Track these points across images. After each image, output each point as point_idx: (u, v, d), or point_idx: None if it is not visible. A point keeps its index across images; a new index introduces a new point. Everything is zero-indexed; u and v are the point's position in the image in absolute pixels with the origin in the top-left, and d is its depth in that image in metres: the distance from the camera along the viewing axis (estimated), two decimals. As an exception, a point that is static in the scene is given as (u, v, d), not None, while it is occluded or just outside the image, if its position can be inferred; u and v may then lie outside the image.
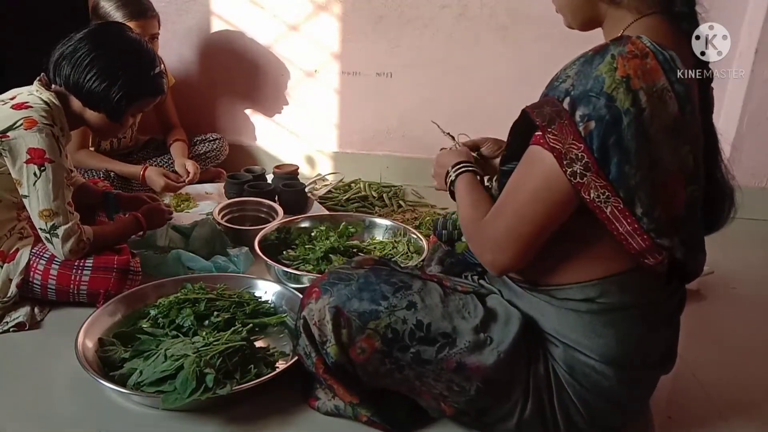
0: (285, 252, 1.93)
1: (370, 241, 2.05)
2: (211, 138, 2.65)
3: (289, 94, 2.80)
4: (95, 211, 1.95)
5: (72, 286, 1.59)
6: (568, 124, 0.96)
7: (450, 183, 1.27)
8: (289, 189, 2.33)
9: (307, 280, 1.68)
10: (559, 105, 0.98)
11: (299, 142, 2.87)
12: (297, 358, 1.28)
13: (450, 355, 1.11)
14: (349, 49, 2.68)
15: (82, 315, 1.50)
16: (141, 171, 2.29)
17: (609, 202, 0.97)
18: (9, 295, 1.59)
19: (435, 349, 1.12)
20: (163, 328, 1.48)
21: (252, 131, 2.89)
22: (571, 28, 1.16)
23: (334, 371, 1.19)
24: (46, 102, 1.54)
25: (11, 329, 1.55)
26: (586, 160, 0.96)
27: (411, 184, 2.75)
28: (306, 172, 2.83)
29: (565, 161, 0.97)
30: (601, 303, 1.09)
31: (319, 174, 2.84)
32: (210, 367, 1.27)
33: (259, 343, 1.48)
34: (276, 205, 2.22)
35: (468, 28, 2.60)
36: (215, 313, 1.52)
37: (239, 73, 2.79)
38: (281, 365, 1.40)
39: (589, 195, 0.98)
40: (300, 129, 2.86)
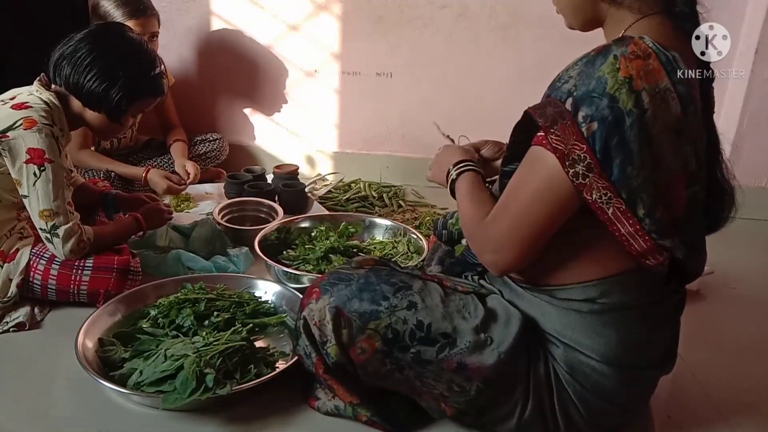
0: (285, 252, 1.93)
1: (370, 241, 2.05)
2: (211, 138, 2.65)
3: (289, 94, 2.80)
4: (95, 211, 1.95)
5: (72, 286, 1.59)
6: (571, 124, 0.96)
7: (451, 181, 1.26)
8: (289, 189, 2.32)
9: (307, 280, 1.68)
10: (562, 106, 0.98)
11: (299, 142, 2.87)
12: (297, 358, 1.28)
13: (450, 355, 1.11)
14: (349, 49, 2.68)
15: (82, 315, 1.50)
16: (143, 173, 2.30)
17: (611, 203, 0.97)
18: (9, 295, 1.59)
19: (435, 350, 1.12)
20: (163, 328, 1.48)
21: (252, 131, 2.89)
22: (572, 28, 1.15)
23: (335, 371, 1.18)
24: (45, 102, 1.54)
25: (11, 329, 1.55)
26: (588, 161, 0.95)
27: (411, 184, 2.75)
28: (306, 172, 2.82)
29: (568, 162, 0.96)
30: (601, 303, 1.09)
31: (319, 174, 2.84)
32: (210, 367, 1.27)
33: (259, 343, 1.48)
34: (276, 205, 2.22)
35: (468, 28, 2.59)
36: (215, 313, 1.52)
37: (239, 73, 2.78)
38: (281, 365, 1.40)
39: (591, 196, 0.97)
40: (300, 129, 2.85)
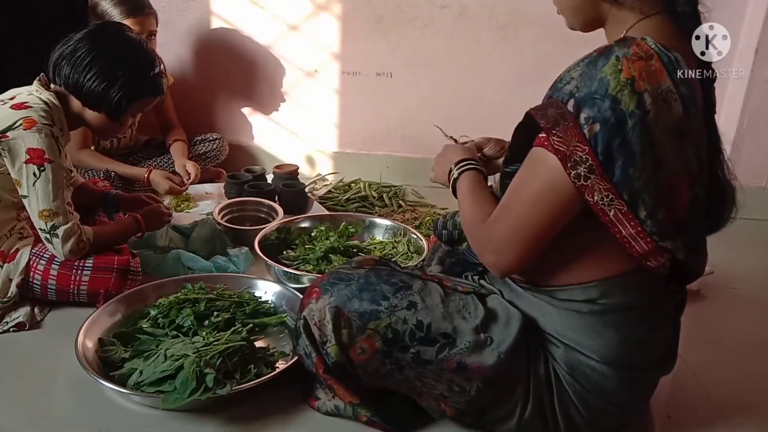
0: (285, 252, 1.93)
1: (370, 241, 2.05)
2: (211, 138, 2.65)
3: (289, 93, 2.80)
4: (95, 211, 1.95)
5: (72, 286, 1.59)
6: (573, 126, 0.96)
7: (453, 180, 1.26)
8: (289, 189, 2.32)
9: (307, 280, 1.68)
10: (564, 107, 0.97)
11: (299, 142, 2.87)
12: (297, 358, 1.28)
13: (450, 355, 1.11)
14: (349, 49, 2.68)
15: (82, 315, 1.50)
16: (145, 174, 2.30)
17: (613, 204, 0.97)
18: (9, 295, 1.59)
19: (435, 350, 1.12)
20: (163, 328, 1.48)
21: (252, 131, 2.89)
22: (574, 29, 1.15)
23: (335, 371, 1.18)
24: (45, 102, 1.54)
25: (11, 329, 1.55)
26: (590, 162, 0.95)
27: (411, 184, 2.75)
28: (306, 172, 2.82)
29: (570, 163, 0.96)
30: (602, 304, 1.09)
31: (319, 174, 2.84)
32: (210, 367, 1.27)
33: (259, 343, 1.48)
34: (276, 205, 2.22)
35: (468, 28, 2.59)
36: (215, 313, 1.52)
37: (239, 73, 2.78)
38: (281, 365, 1.40)
39: (592, 197, 0.97)
40: (300, 129, 2.85)
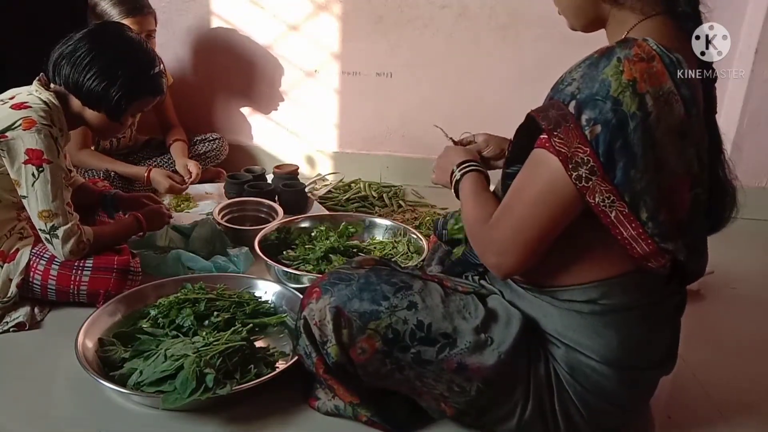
0: (285, 252, 1.93)
1: (370, 241, 2.05)
2: (210, 138, 2.65)
3: (289, 94, 2.80)
4: (95, 211, 1.95)
5: (72, 286, 1.59)
6: (574, 127, 0.96)
7: (455, 182, 1.26)
8: (289, 189, 2.32)
9: (307, 280, 1.68)
10: (565, 108, 0.97)
11: (299, 142, 2.87)
12: (297, 358, 1.28)
13: (450, 355, 1.11)
14: (349, 49, 2.68)
15: (82, 315, 1.50)
16: (145, 172, 2.30)
17: (614, 206, 0.97)
18: (9, 295, 1.59)
19: (435, 350, 1.12)
20: (163, 328, 1.48)
21: (251, 131, 2.89)
22: (575, 29, 1.15)
23: (335, 371, 1.18)
24: (45, 102, 1.54)
25: (11, 329, 1.55)
26: (591, 164, 0.95)
27: (411, 184, 2.75)
28: (306, 172, 2.82)
29: (571, 165, 0.96)
30: (602, 304, 1.09)
31: (319, 174, 2.84)
32: (210, 367, 1.27)
33: (259, 343, 1.48)
34: (276, 205, 2.22)
35: (468, 28, 2.59)
36: (215, 313, 1.52)
37: (239, 73, 2.78)
38: (281, 365, 1.40)
39: (594, 199, 0.97)
40: (300, 129, 2.85)
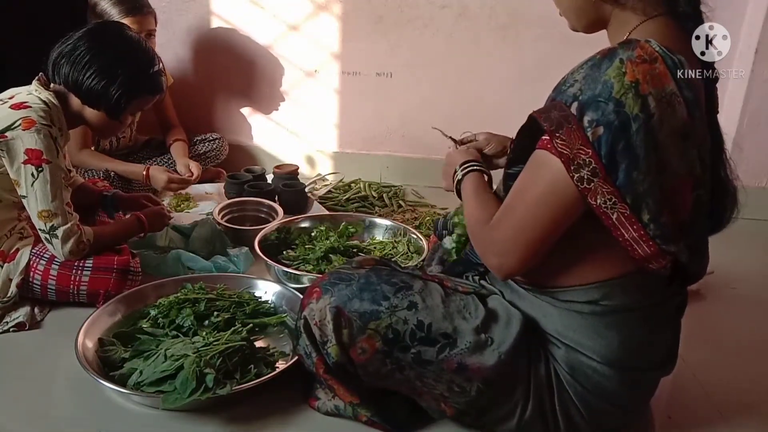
0: (285, 252, 1.93)
1: (370, 241, 2.05)
2: (210, 138, 2.65)
3: (289, 93, 2.80)
4: (95, 211, 1.95)
5: (72, 286, 1.59)
6: (576, 129, 0.95)
7: (457, 182, 1.26)
8: (289, 189, 2.32)
9: (307, 280, 1.68)
10: (567, 110, 0.97)
11: (299, 142, 2.87)
12: (297, 358, 1.28)
13: (451, 355, 1.11)
14: (349, 49, 2.67)
15: (82, 315, 1.50)
16: (144, 170, 2.30)
17: (615, 208, 0.97)
18: (9, 295, 1.59)
19: (436, 350, 1.12)
20: (163, 328, 1.48)
21: (251, 131, 2.89)
22: (576, 30, 1.15)
23: (335, 371, 1.18)
24: (44, 102, 1.54)
25: (11, 329, 1.55)
26: (593, 165, 0.95)
27: (411, 184, 2.75)
28: (306, 172, 2.82)
29: (573, 166, 0.96)
30: (603, 305, 1.09)
31: (319, 174, 2.84)
32: (210, 367, 1.27)
33: (259, 343, 1.48)
34: (276, 205, 2.22)
35: (468, 28, 2.59)
36: (215, 313, 1.52)
37: (239, 73, 2.78)
38: (281, 365, 1.40)
39: (595, 201, 0.97)
40: (300, 129, 2.85)
